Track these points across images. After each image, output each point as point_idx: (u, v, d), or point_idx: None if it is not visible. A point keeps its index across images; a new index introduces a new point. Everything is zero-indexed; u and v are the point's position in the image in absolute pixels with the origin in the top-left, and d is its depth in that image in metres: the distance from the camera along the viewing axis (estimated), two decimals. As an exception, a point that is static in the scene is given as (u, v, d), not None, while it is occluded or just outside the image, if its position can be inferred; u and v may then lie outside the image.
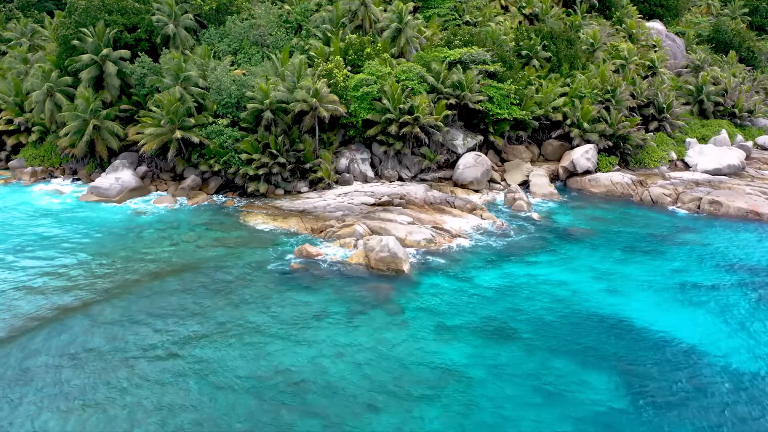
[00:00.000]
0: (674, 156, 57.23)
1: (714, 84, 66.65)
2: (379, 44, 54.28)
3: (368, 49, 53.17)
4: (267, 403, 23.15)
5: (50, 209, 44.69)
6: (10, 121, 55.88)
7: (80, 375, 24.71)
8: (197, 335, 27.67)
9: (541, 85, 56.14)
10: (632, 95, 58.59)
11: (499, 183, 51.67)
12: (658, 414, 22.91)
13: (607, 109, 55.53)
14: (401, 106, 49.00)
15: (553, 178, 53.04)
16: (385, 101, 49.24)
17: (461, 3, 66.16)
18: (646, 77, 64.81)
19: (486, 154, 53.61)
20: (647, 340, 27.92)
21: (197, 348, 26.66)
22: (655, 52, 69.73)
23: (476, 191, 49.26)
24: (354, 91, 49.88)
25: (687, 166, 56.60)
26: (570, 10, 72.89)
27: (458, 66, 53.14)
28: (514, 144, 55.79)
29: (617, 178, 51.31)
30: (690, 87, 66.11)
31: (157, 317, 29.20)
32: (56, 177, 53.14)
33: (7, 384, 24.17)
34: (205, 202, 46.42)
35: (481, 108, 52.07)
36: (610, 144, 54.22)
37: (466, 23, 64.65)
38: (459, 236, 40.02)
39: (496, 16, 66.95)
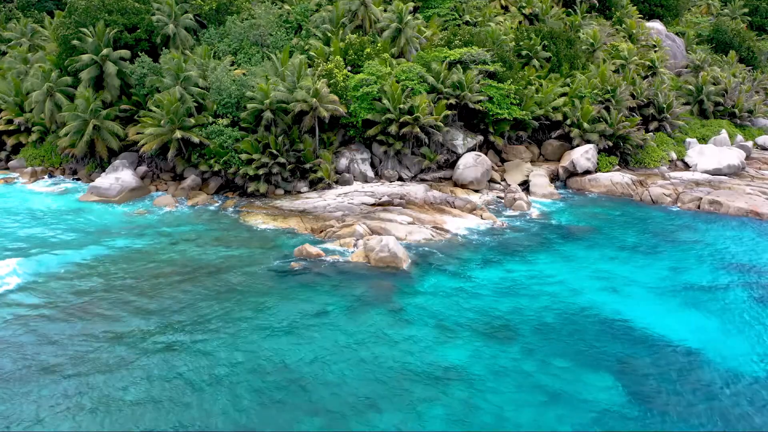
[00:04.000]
0: (674, 156, 57.25)
1: (714, 84, 66.69)
2: (379, 44, 54.29)
3: (368, 49, 53.19)
4: (267, 401, 23.15)
5: (50, 209, 44.68)
6: (10, 121, 55.90)
7: (79, 373, 24.69)
8: (197, 334, 27.65)
9: (541, 85, 56.14)
10: (632, 95, 58.62)
11: (499, 183, 51.67)
12: (658, 415, 22.90)
13: (607, 109, 55.55)
14: (401, 106, 49.01)
15: (553, 178, 53.05)
16: (385, 101, 49.25)
17: (461, 3, 66.16)
18: (646, 77, 64.82)
19: (486, 154, 53.62)
20: (647, 341, 27.89)
21: (197, 346, 26.64)
22: (655, 52, 69.74)
23: (476, 191, 49.27)
24: (354, 91, 49.90)
25: (687, 166, 56.63)
26: (570, 10, 72.88)
27: (458, 66, 53.16)
28: (514, 144, 55.80)
29: (617, 178, 51.32)
30: (690, 87, 66.15)
31: (157, 316, 29.20)
32: (56, 177, 53.18)
33: (8, 382, 24.17)
34: (205, 203, 46.42)
35: (481, 108, 52.09)
36: (610, 144, 54.25)
37: (466, 23, 64.65)
38: (459, 236, 40.03)
39: (496, 16, 66.96)
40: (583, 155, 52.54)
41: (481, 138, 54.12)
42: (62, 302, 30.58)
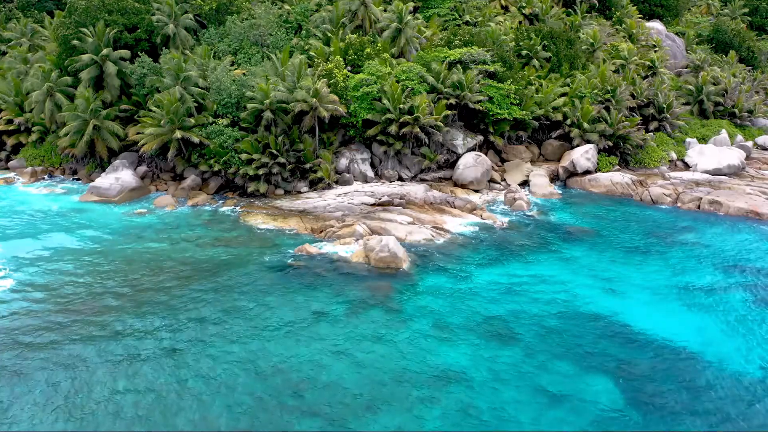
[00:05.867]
0: (674, 156, 57.24)
1: (714, 84, 66.68)
2: (379, 44, 54.28)
3: (368, 49, 53.18)
4: (266, 402, 23.15)
5: (50, 209, 44.68)
6: (10, 121, 55.91)
7: (78, 373, 24.70)
8: (196, 334, 27.66)
9: (541, 85, 56.15)
10: (632, 95, 58.62)
11: (499, 183, 51.67)
12: (658, 416, 22.90)
13: (607, 109, 55.55)
14: (401, 106, 49.00)
15: (553, 178, 53.05)
16: (385, 101, 49.25)
17: (461, 3, 66.18)
18: (646, 77, 64.83)
19: (486, 154, 53.62)
20: (647, 342, 27.88)
21: (196, 347, 26.65)
22: (655, 52, 69.74)
23: (476, 191, 49.26)
24: (354, 91, 49.90)
25: (687, 166, 56.61)
26: (570, 10, 72.90)
27: (458, 66, 53.16)
28: (514, 144, 55.80)
29: (617, 178, 51.31)
30: (690, 87, 66.14)
31: (156, 316, 29.20)
32: (56, 177, 53.18)
33: (7, 379, 24.17)
34: (205, 203, 46.41)
35: (481, 108, 52.09)
36: (610, 144, 54.24)
37: (466, 23, 64.66)
38: (459, 236, 40.03)
39: (496, 16, 66.98)
40: (583, 155, 52.54)
41: (481, 138, 54.12)
42: (59, 302, 30.58)
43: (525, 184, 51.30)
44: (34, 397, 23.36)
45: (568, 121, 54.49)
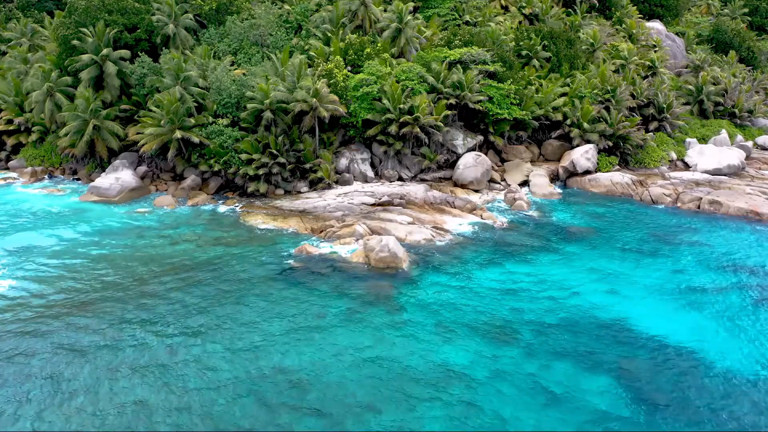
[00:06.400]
0: (674, 156, 57.25)
1: (714, 84, 66.70)
2: (379, 44, 54.29)
3: (368, 49, 53.19)
4: (267, 402, 23.14)
5: (50, 210, 44.67)
6: (10, 121, 55.96)
7: (78, 373, 24.70)
8: (196, 334, 27.67)
9: (541, 85, 56.16)
10: (632, 95, 58.63)
11: (499, 183, 51.67)
12: (657, 417, 22.89)
13: (607, 109, 55.56)
14: (401, 106, 49.01)
15: (553, 178, 53.06)
16: (385, 101, 49.25)
17: (461, 3, 66.20)
18: (646, 77, 64.85)
19: (486, 154, 53.62)
20: (647, 342, 27.88)
21: (196, 347, 26.65)
22: (655, 52, 69.76)
23: (476, 191, 49.27)
24: (354, 91, 49.90)
25: (687, 166, 56.62)
26: (570, 10, 72.93)
27: (458, 66, 53.17)
28: (514, 144, 55.81)
29: (617, 178, 51.31)
30: (690, 87, 66.16)
31: (157, 317, 29.20)
32: (56, 177, 53.19)
33: (8, 379, 24.18)
34: (206, 203, 46.41)
35: (481, 108, 52.10)
36: (610, 144, 54.25)
37: (466, 23, 64.68)
38: (459, 236, 40.04)
39: (496, 16, 67.00)
40: (583, 155, 52.55)
41: (481, 138, 54.13)
42: (58, 302, 30.57)
43: (525, 184, 51.31)
44: (30, 397, 23.36)
45: (568, 121, 54.51)
